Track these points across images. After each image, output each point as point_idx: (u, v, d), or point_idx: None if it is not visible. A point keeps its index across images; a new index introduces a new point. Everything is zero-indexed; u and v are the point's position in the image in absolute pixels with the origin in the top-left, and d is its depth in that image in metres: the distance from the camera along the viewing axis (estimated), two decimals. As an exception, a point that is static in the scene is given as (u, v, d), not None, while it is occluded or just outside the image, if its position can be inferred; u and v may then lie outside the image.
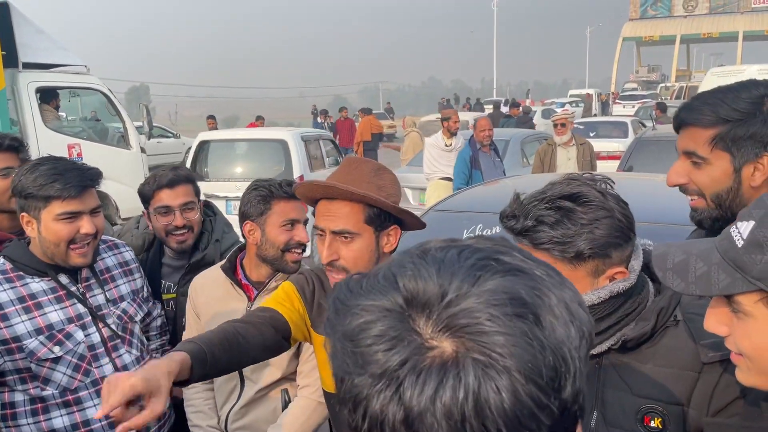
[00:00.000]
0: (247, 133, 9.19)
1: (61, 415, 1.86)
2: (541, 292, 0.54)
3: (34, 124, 7.97)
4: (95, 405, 1.89)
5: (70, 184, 1.81)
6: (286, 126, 15.24)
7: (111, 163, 7.94)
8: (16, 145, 2.31)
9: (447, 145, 7.32)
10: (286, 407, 2.08)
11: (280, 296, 1.71)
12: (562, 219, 1.17)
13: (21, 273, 1.88)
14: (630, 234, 1.20)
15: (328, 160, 8.55)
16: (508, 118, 14.63)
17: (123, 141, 9.20)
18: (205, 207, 2.55)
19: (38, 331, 1.83)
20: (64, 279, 1.92)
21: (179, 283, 2.40)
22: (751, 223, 0.83)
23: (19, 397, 1.86)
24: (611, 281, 1.20)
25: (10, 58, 7.69)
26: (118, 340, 1.98)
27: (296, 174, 7.48)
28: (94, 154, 8.11)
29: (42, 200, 1.81)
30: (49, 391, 1.85)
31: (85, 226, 1.85)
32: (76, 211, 1.84)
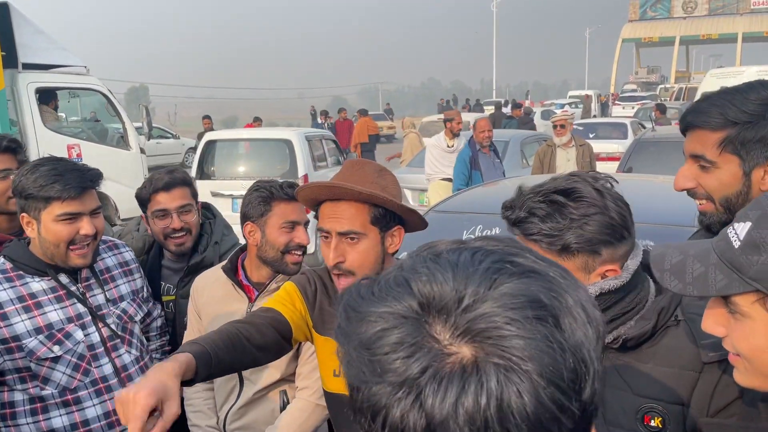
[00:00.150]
0: (253, 133, 9.34)
1: (60, 415, 1.86)
2: (558, 294, 0.54)
3: (34, 125, 7.97)
4: (94, 405, 1.89)
5: (70, 186, 1.81)
6: (285, 127, 15.27)
7: (110, 163, 7.95)
8: (14, 147, 2.31)
9: (449, 146, 7.33)
10: (285, 408, 2.08)
11: (282, 297, 1.71)
12: (552, 213, 1.19)
13: (21, 272, 1.88)
14: (623, 234, 1.20)
15: (331, 159, 8.67)
16: (511, 119, 14.55)
17: (122, 141, 9.20)
18: (205, 209, 2.55)
19: (38, 331, 1.83)
20: (64, 279, 1.92)
21: (178, 285, 2.41)
22: (748, 224, 0.83)
23: (18, 396, 1.86)
24: (603, 278, 1.20)
25: (10, 59, 7.69)
26: (118, 340, 1.98)
27: (301, 173, 7.61)
28: (94, 155, 8.12)
29: (42, 201, 1.81)
30: (49, 391, 1.85)
31: (85, 227, 1.85)
32: (76, 212, 1.84)
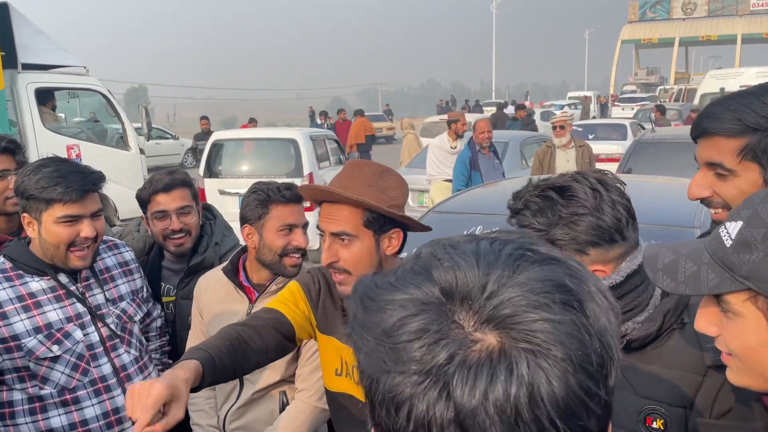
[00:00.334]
0: (259, 133, 9.60)
1: (59, 415, 1.86)
2: (581, 280, 0.53)
3: (33, 125, 7.98)
4: (93, 404, 1.89)
5: (72, 188, 1.81)
6: (284, 127, 15.30)
7: (110, 164, 7.94)
8: (12, 148, 2.31)
9: (452, 148, 7.33)
10: (284, 409, 2.08)
11: (286, 296, 1.73)
12: (544, 208, 1.22)
13: (20, 272, 1.88)
14: (614, 237, 1.20)
15: (333, 159, 8.93)
16: (515, 120, 14.40)
17: (122, 142, 9.21)
18: (205, 210, 2.55)
19: (37, 330, 1.83)
20: (63, 278, 1.92)
21: (179, 286, 2.41)
22: (739, 223, 0.84)
23: (17, 396, 1.86)
24: None
25: (10, 59, 7.70)
26: (117, 340, 1.98)
27: (306, 171, 7.81)
28: (93, 155, 8.12)
29: (43, 202, 1.81)
30: (48, 390, 1.85)
31: (86, 229, 1.85)
32: (77, 215, 1.84)
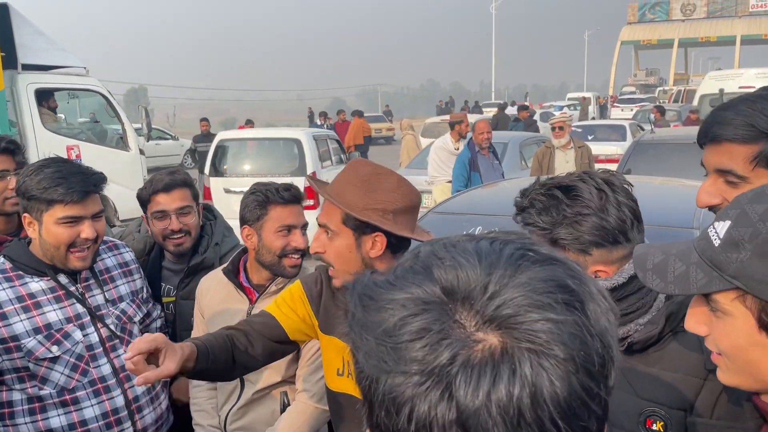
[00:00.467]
0: (263, 133, 9.83)
1: (59, 415, 1.87)
2: (581, 281, 0.53)
3: (33, 126, 7.97)
4: (92, 405, 1.89)
5: (74, 189, 1.81)
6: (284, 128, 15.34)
7: (110, 164, 7.93)
8: (12, 148, 2.30)
9: (456, 149, 7.33)
10: (285, 409, 2.08)
11: (284, 298, 1.75)
12: (548, 207, 1.23)
13: (20, 272, 1.89)
14: (618, 238, 1.20)
15: (335, 158, 9.22)
16: (517, 121, 14.35)
17: (122, 142, 9.20)
18: (206, 210, 2.56)
19: (36, 331, 1.83)
20: (63, 279, 1.92)
21: (179, 287, 2.41)
22: (728, 223, 0.84)
23: (16, 396, 1.86)
24: (595, 278, 1.21)
25: (10, 60, 7.69)
26: (117, 341, 1.98)
27: (309, 170, 7.98)
28: (93, 156, 8.12)
29: (45, 203, 1.82)
30: (47, 391, 1.86)
31: (86, 231, 1.86)
32: (78, 216, 1.84)
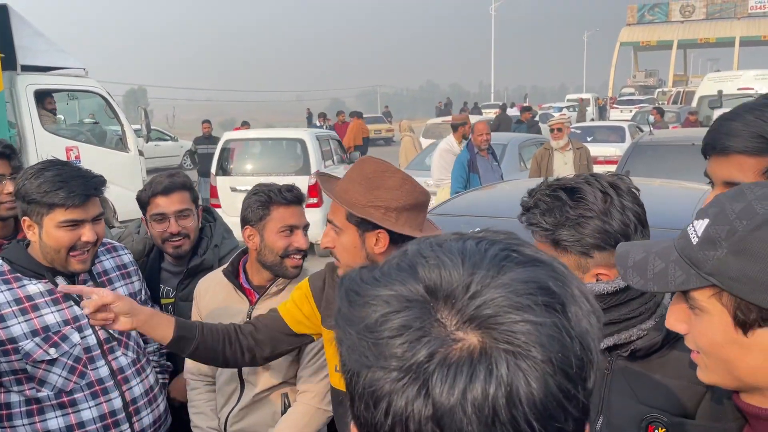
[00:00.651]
0: (268, 133, 10.12)
1: (56, 417, 1.87)
2: (564, 283, 0.53)
3: (32, 127, 7.97)
4: (90, 407, 1.90)
5: (75, 193, 1.81)
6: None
7: (109, 165, 7.92)
8: (8, 153, 2.29)
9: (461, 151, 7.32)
10: (286, 411, 2.08)
11: (293, 295, 1.85)
12: (552, 208, 1.23)
13: (18, 275, 1.89)
14: (621, 242, 1.19)
15: (336, 158, 9.49)
16: (520, 123, 14.32)
17: (121, 144, 9.21)
18: (205, 212, 2.56)
19: (34, 333, 1.84)
20: (61, 281, 1.92)
21: (178, 288, 2.41)
22: (706, 221, 0.85)
23: (14, 398, 1.86)
24: (597, 280, 1.22)
25: (9, 61, 7.69)
26: (114, 343, 1.98)
27: (313, 169, 8.17)
28: (92, 157, 8.13)
29: (45, 207, 1.82)
30: (45, 393, 1.86)
31: (87, 234, 1.86)
32: (79, 220, 1.85)
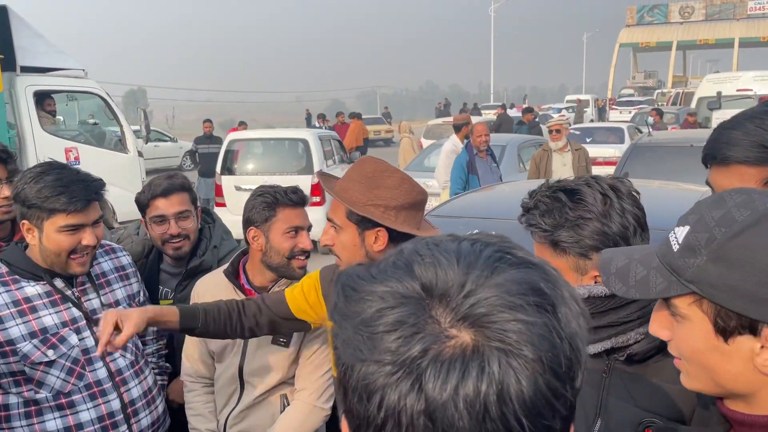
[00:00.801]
0: (272, 133, 10.35)
1: (55, 418, 1.87)
2: (555, 285, 0.55)
3: (32, 128, 7.97)
4: (88, 408, 1.90)
5: (76, 198, 1.82)
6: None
7: (108, 166, 7.94)
8: (4, 157, 2.27)
9: None
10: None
11: (303, 282, 1.89)
12: (552, 209, 1.24)
13: (16, 276, 1.89)
14: (620, 244, 1.20)
15: (337, 157, 9.72)
16: (521, 124, 14.28)
17: (120, 145, 9.20)
18: (204, 214, 2.56)
19: (32, 335, 1.84)
20: (59, 283, 1.93)
21: (176, 289, 2.41)
22: (687, 228, 0.85)
23: (12, 399, 1.87)
24: (594, 283, 1.22)
25: (8, 62, 7.69)
26: (113, 344, 1.99)
27: (316, 168, 8.39)
28: (92, 158, 8.13)
29: (46, 212, 1.82)
30: (43, 394, 1.86)
31: (87, 238, 1.86)
32: (80, 224, 1.85)
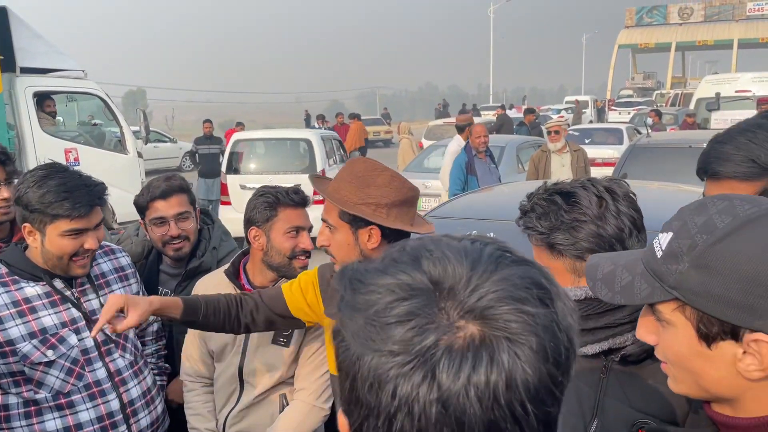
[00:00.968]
0: (277, 133, 10.55)
1: (54, 418, 1.88)
2: (550, 281, 0.58)
3: (32, 129, 7.97)
4: (87, 409, 1.91)
5: (80, 204, 1.82)
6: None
7: (108, 167, 7.95)
8: (2, 159, 2.28)
9: None
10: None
11: (300, 278, 1.89)
12: (548, 212, 1.24)
13: (16, 277, 1.90)
14: (615, 247, 1.21)
15: (337, 157, 9.93)
16: (522, 125, 14.20)
17: (120, 145, 9.19)
18: (203, 215, 2.57)
19: (32, 335, 1.85)
20: (58, 284, 1.94)
21: (176, 290, 2.42)
22: (670, 235, 0.86)
23: (12, 399, 1.88)
24: None
25: (8, 63, 7.68)
26: (112, 345, 1.99)
27: (319, 168, 8.69)
28: (91, 159, 8.12)
29: (49, 217, 1.82)
30: (42, 395, 1.87)
31: (89, 241, 1.87)
32: (82, 229, 1.86)
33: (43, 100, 8.32)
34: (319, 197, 2.04)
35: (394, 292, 0.55)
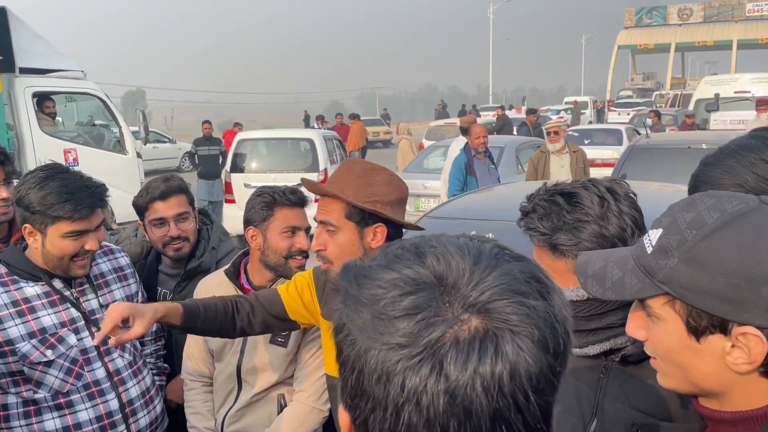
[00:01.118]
0: (280, 133, 10.70)
1: (53, 418, 1.88)
2: (548, 277, 0.60)
3: (31, 129, 7.97)
4: (87, 408, 1.91)
5: (81, 206, 1.83)
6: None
7: (107, 168, 7.95)
8: (2, 159, 2.28)
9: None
10: (282, 411, 2.09)
11: (296, 280, 1.88)
12: (549, 212, 1.24)
13: (15, 277, 1.90)
14: (618, 246, 1.20)
15: (338, 156, 10.01)
16: (524, 126, 14.10)
17: (119, 146, 9.19)
18: (202, 215, 2.57)
19: (31, 335, 1.85)
20: (58, 284, 1.94)
21: (175, 291, 2.42)
22: (660, 231, 0.87)
23: (11, 399, 1.88)
24: None
25: (7, 63, 7.69)
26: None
27: (321, 167, 8.89)
28: (90, 159, 8.11)
29: (50, 218, 1.83)
30: (42, 394, 1.87)
31: (90, 243, 1.88)
32: (83, 230, 1.86)
33: (42, 102, 8.32)
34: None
35: (400, 286, 0.56)
